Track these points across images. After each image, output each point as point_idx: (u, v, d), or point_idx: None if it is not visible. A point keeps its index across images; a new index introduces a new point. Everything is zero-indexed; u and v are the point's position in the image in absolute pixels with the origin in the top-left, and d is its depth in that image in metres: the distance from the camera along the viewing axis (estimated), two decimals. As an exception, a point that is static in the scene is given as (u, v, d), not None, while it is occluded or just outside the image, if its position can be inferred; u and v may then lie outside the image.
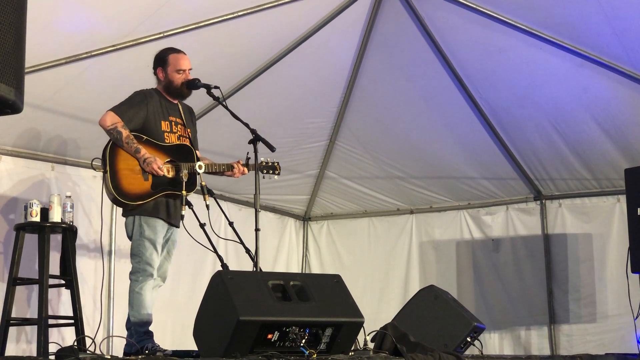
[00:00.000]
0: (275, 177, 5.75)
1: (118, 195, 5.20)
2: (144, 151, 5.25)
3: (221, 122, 6.77)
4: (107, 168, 5.21)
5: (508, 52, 7.17)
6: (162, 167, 5.26)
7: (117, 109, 5.31)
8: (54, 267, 6.21)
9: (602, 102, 7.37)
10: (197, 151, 5.60)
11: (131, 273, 5.33)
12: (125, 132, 5.24)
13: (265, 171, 5.62)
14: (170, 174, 5.32)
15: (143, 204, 5.26)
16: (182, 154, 5.43)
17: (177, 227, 5.48)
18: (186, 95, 5.61)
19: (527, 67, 7.28)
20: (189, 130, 5.59)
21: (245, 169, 5.62)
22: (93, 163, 5.32)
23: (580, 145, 7.86)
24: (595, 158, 7.99)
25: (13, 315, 6.05)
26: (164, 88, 5.56)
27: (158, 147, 5.36)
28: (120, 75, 6.39)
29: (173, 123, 5.51)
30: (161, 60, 5.55)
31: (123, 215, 5.44)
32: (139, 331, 5.23)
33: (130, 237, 5.36)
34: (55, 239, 6.32)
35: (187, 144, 5.51)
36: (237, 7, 6.36)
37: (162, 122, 5.45)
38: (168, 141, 5.43)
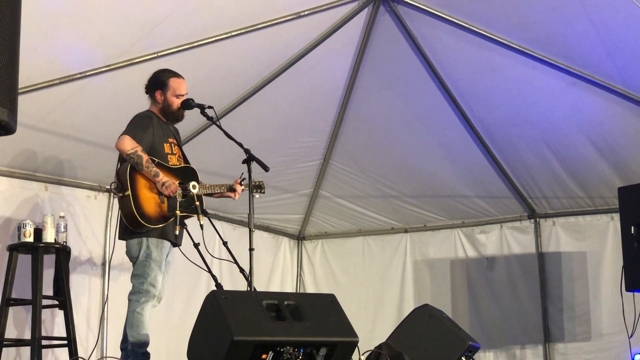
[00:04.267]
0: (261, 195, 5.74)
1: (141, 218, 5.14)
2: (162, 175, 5.24)
3: (215, 142, 6.76)
4: (129, 191, 5.16)
5: (501, 71, 7.19)
6: (179, 189, 5.27)
7: (132, 133, 5.28)
8: (48, 287, 6.19)
9: (595, 121, 7.38)
10: None
11: (132, 293, 5.27)
12: (145, 157, 5.21)
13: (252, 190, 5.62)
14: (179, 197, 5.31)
15: (163, 226, 5.24)
16: (189, 176, 5.45)
17: (179, 245, 5.46)
18: (180, 119, 5.63)
19: (519, 86, 7.29)
20: (181, 150, 5.62)
21: (240, 187, 5.66)
22: (112, 187, 5.29)
23: (574, 163, 7.87)
24: (588, 176, 8.00)
25: (6, 336, 6.04)
26: (160, 110, 5.55)
27: (168, 170, 5.37)
28: (114, 95, 6.39)
29: (172, 145, 5.53)
30: (161, 83, 5.53)
31: (124, 237, 5.36)
32: (137, 352, 5.19)
33: (134, 258, 5.30)
34: (49, 260, 6.30)
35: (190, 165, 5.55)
36: (231, 27, 6.38)
37: (165, 145, 5.46)
38: (171, 163, 5.44)
